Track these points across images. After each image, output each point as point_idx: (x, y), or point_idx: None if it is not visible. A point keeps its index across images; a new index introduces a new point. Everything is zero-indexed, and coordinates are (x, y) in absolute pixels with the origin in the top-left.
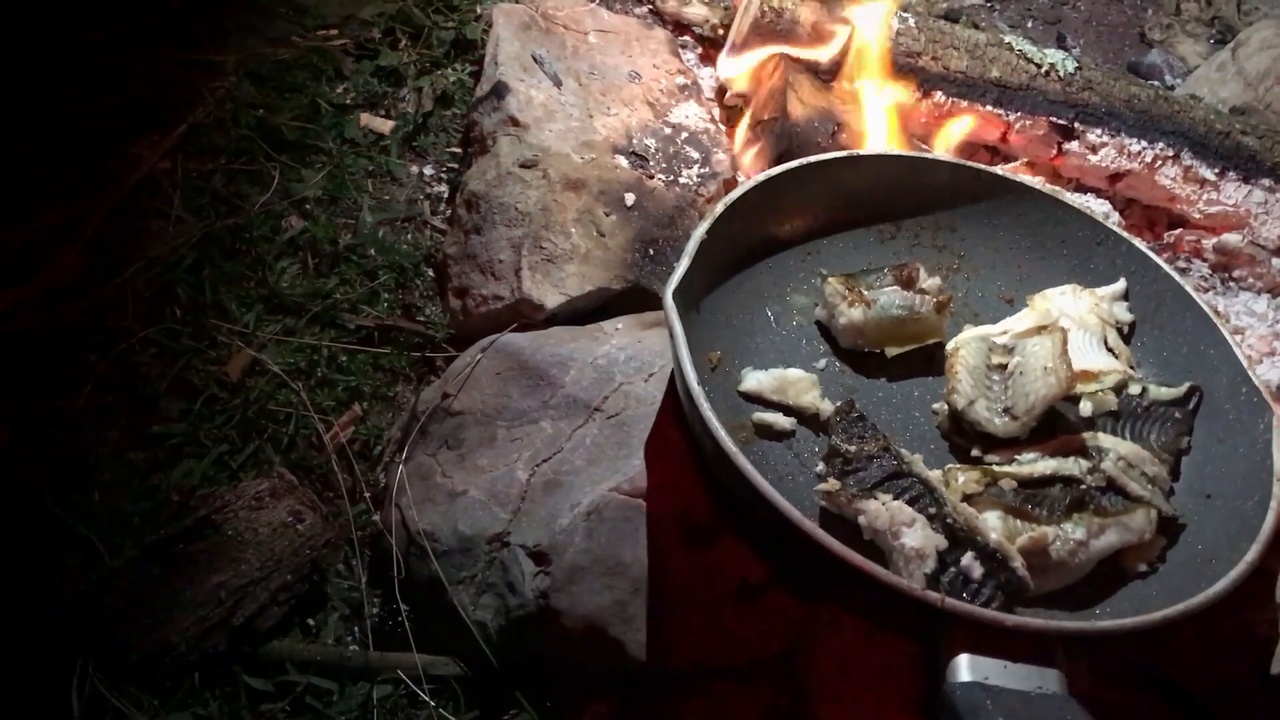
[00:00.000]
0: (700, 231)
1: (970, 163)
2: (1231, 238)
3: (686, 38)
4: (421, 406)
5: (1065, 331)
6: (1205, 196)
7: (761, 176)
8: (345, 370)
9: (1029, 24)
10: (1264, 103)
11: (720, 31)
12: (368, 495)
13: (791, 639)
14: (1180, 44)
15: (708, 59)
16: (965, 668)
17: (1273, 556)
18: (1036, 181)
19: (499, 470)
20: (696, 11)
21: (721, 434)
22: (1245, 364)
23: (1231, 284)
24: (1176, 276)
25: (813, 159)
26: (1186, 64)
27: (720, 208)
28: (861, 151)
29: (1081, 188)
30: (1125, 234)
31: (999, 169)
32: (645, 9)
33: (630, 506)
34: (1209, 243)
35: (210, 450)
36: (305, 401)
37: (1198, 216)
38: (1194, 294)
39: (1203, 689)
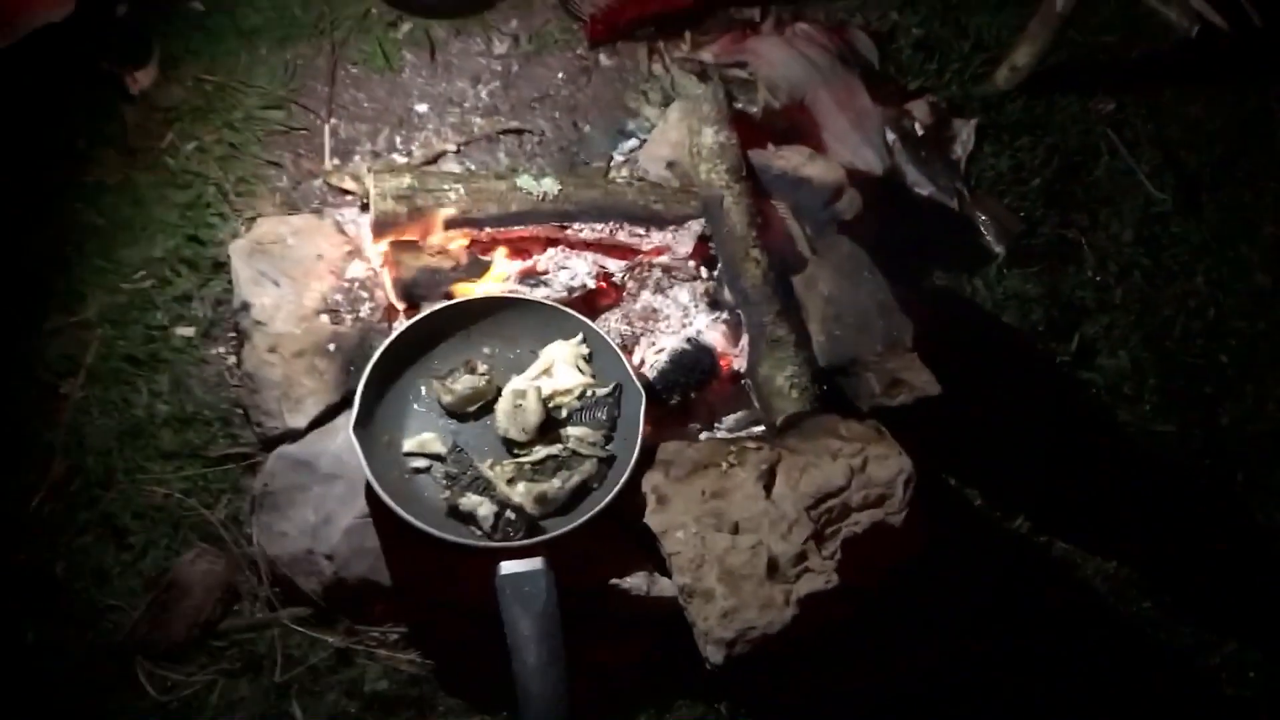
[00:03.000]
0: (360, 387)
1: (481, 295)
2: (663, 259)
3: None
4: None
5: (538, 389)
6: (644, 241)
7: (388, 341)
8: None
9: (556, 115)
10: (682, 164)
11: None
12: None
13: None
14: (645, 109)
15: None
16: (504, 569)
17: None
18: (521, 291)
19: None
20: (352, 185)
21: (381, 492)
22: (628, 365)
23: (674, 279)
24: (589, 323)
25: (410, 321)
26: (652, 122)
27: (373, 359)
28: (431, 309)
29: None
30: (566, 309)
31: (484, 289)
32: (319, 183)
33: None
34: (657, 261)
35: None
36: None
37: (646, 249)
38: (598, 329)
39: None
